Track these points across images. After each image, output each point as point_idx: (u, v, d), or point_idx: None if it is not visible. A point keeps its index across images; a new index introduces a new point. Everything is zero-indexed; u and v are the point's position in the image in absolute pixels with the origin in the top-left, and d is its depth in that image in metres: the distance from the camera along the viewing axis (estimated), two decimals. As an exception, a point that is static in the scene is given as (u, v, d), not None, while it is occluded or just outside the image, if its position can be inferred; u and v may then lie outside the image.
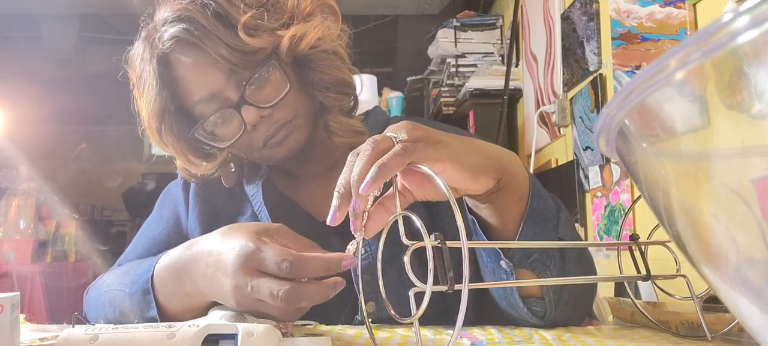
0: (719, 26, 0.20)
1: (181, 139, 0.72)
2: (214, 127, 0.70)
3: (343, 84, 0.73)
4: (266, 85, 0.68)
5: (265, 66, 0.67)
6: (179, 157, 0.73)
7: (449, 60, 2.51)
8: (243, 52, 0.65)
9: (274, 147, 0.70)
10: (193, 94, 0.68)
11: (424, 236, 0.38)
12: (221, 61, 0.65)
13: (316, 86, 0.71)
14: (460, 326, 0.36)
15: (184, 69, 0.68)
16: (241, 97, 0.67)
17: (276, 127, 0.69)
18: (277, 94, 0.68)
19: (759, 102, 0.20)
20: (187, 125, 0.72)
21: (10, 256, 2.57)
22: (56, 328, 0.61)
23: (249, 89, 0.67)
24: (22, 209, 2.65)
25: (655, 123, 0.26)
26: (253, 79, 0.67)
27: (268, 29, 0.67)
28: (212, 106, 0.68)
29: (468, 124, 2.36)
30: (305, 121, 0.72)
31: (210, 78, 0.67)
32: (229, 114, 0.68)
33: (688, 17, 1.20)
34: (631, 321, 0.64)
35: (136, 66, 0.71)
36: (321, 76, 0.71)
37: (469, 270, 0.36)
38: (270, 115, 0.68)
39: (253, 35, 0.65)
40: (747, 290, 0.24)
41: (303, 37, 0.68)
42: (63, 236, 2.91)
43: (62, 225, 2.91)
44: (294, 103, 0.70)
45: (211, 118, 0.68)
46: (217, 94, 0.67)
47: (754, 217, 0.22)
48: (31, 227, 2.66)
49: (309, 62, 0.71)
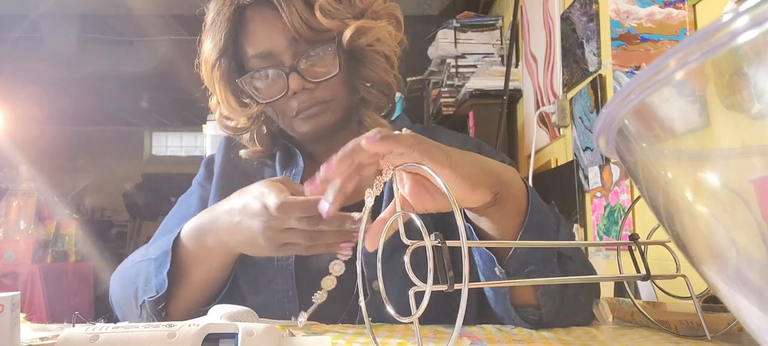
0: (719, 26, 0.20)
1: (228, 82, 0.77)
2: (260, 83, 0.75)
3: (386, 86, 0.79)
4: (319, 62, 0.73)
5: (324, 46, 0.73)
6: (220, 98, 0.78)
7: (449, 60, 2.51)
8: (311, 27, 0.71)
9: (304, 120, 0.75)
10: (254, 47, 0.74)
11: (424, 236, 0.38)
12: (290, 28, 0.71)
13: (363, 80, 0.77)
14: (460, 326, 0.36)
15: (254, 23, 0.74)
16: (294, 65, 0.72)
17: (312, 102, 0.74)
18: (325, 73, 0.73)
19: (759, 102, 0.20)
20: (237, 73, 0.77)
21: (11, 256, 2.57)
22: (56, 327, 0.61)
23: (303, 61, 0.73)
24: (22, 210, 2.65)
25: (655, 123, 0.26)
26: (309, 54, 0.73)
27: (340, 16, 0.73)
28: (266, 63, 0.74)
29: (468, 124, 2.35)
30: (340, 107, 0.76)
31: (274, 39, 0.73)
32: (277, 75, 0.74)
33: (687, 18, 1.20)
34: (631, 321, 0.64)
35: (214, 6, 0.77)
36: (369, 72, 0.77)
37: (468, 269, 0.36)
38: (312, 89, 0.73)
39: (326, 16, 0.71)
40: (747, 290, 0.24)
41: (366, 33, 0.74)
42: (63, 236, 2.91)
43: (62, 225, 2.91)
44: (336, 87, 0.75)
45: (261, 72, 0.74)
46: (274, 55, 0.73)
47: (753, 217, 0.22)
48: (31, 227, 2.66)
49: (363, 57, 0.76)
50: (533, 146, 1.95)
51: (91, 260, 3.14)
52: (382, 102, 0.80)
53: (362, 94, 0.78)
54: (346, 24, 0.73)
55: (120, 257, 0.85)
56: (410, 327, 0.60)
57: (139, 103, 5.47)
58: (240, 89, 0.78)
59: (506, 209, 0.55)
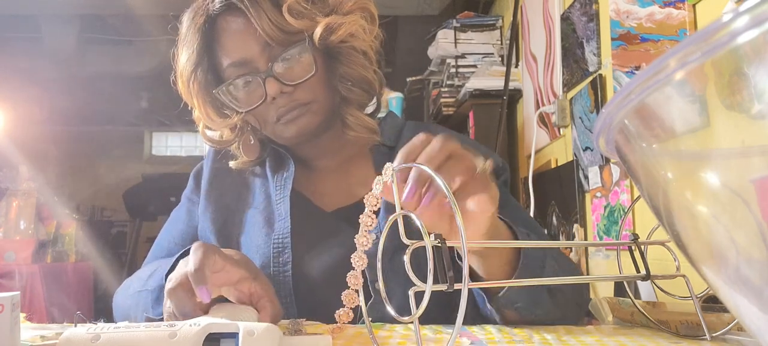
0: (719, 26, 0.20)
1: (206, 94, 0.77)
2: (238, 91, 0.75)
3: (365, 82, 0.77)
4: (295, 64, 0.73)
5: (297, 47, 0.72)
6: (200, 111, 0.78)
7: (449, 60, 2.51)
8: (282, 29, 0.70)
9: (285, 124, 0.74)
10: (228, 56, 0.74)
11: (424, 236, 0.38)
12: (261, 33, 0.70)
13: (341, 79, 0.76)
14: (460, 326, 0.36)
15: (226, 33, 0.74)
16: (269, 69, 0.72)
17: (292, 105, 0.73)
18: (302, 75, 0.73)
19: (759, 102, 0.20)
20: (214, 84, 0.77)
21: (11, 256, 2.57)
22: (56, 327, 0.61)
23: (277, 65, 0.72)
24: (22, 210, 2.65)
25: (655, 123, 0.26)
26: (283, 56, 0.72)
27: (309, 15, 0.72)
28: (241, 71, 0.74)
29: (468, 124, 2.35)
30: (321, 108, 0.75)
31: (247, 45, 0.72)
32: (254, 82, 0.73)
33: (687, 18, 1.20)
34: (631, 321, 0.64)
35: (186, 20, 0.78)
36: (347, 69, 0.76)
37: (468, 269, 0.36)
38: (291, 92, 0.73)
39: (294, 17, 0.71)
40: (747, 290, 0.24)
41: (336, 29, 0.73)
42: (63, 236, 2.91)
43: (62, 225, 2.91)
44: (315, 88, 0.74)
45: (237, 81, 0.74)
46: (249, 62, 0.73)
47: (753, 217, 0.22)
48: (31, 227, 2.66)
49: (338, 55, 0.76)
50: (533, 146, 1.95)
51: (91, 260, 3.13)
52: (364, 99, 0.79)
53: (343, 93, 0.77)
54: (316, 22, 0.72)
55: (120, 257, 0.85)
56: (410, 327, 0.60)
57: (139, 103, 5.47)
58: (219, 101, 0.77)
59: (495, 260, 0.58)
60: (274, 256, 0.74)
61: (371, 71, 0.78)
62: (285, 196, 0.79)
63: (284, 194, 0.79)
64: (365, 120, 0.78)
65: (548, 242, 0.57)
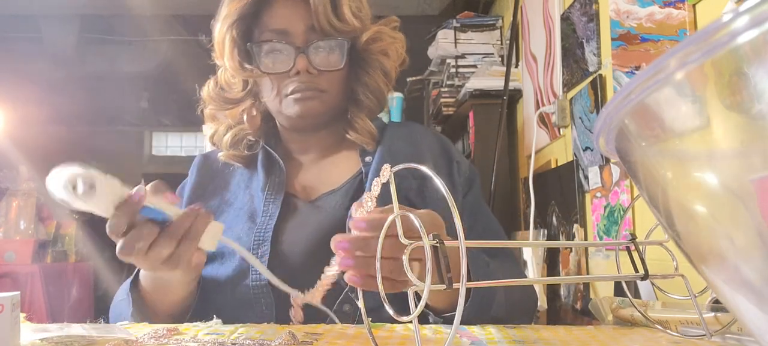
0: (719, 26, 0.20)
1: (238, 42, 0.80)
2: (268, 55, 0.79)
3: (381, 95, 0.85)
4: (328, 54, 0.78)
5: (336, 41, 0.78)
6: (227, 53, 0.80)
7: (449, 61, 2.51)
8: (331, 22, 0.76)
9: (296, 101, 0.78)
10: (273, 21, 0.78)
11: (422, 236, 0.38)
12: (313, 15, 0.76)
13: (361, 84, 0.83)
14: (458, 325, 0.36)
15: (281, 2, 0.79)
16: (305, 48, 0.77)
17: (309, 86, 0.78)
18: (330, 66, 0.78)
19: (759, 102, 0.20)
20: (248, 39, 0.81)
21: (11, 256, 2.57)
22: (56, 327, 0.61)
23: (313, 48, 0.77)
24: (22, 210, 2.64)
25: (655, 123, 0.26)
26: (321, 44, 0.77)
27: (361, 20, 0.79)
28: (279, 38, 0.78)
29: (468, 124, 2.35)
30: (331, 100, 0.80)
31: (294, 20, 0.77)
32: (287, 52, 0.78)
33: (687, 18, 1.20)
34: (630, 321, 0.64)
35: None
36: (369, 79, 0.83)
37: (466, 269, 0.36)
38: (314, 76, 0.78)
39: (348, 17, 0.77)
40: (746, 290, 0.24)
41: (380, 40, 0.81)
42: (63, 236, 2.91)
43: (62, 225, 2.91)
44: (334, 82, 0.80)
45: (271, 44, 0.78)
46: (289, 35, 0.78)
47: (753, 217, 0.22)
48: (31, 227, 2.66)
49: (366, 64, 0.83)
50: (533, 146, 1.95)
51: (91, 260, 3.13)
52: (374, 109, 0.85)
53: (359, 96, 0.83)
54: (365, 27, 0.80)
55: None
56: (410, 327, 0.60)
57: (139, 103, 5.47)
58: (247, 54, 0.81)
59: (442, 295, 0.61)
60: (254, 248, 0.75)
61: (388, 89, 0.85)
62: (278, 198, 0.80)
63: (277, 196, 0.80)
64: (370, 127, 0.83)
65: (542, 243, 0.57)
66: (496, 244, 0.81)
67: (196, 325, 0.62)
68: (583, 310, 1.63)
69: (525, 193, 2.05)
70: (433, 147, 0.86)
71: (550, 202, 1.89)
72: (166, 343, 0.52)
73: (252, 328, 0.61)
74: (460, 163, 0.86)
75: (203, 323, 0.63)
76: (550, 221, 1.89)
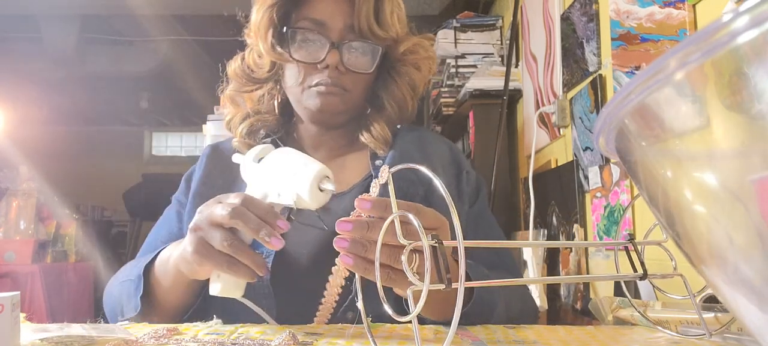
0: (719, 26, 0.20)
1: (276, 24, 0.80)
2: (302, 40, 0.78)
3: (405, 105, 0.85)
4: (360, 56, 0.79)
5: (370, 45, 0.78)
6: (261, 30, 0.80)
7: (449, 61, 2.51)
8: (370, 25, 0.76)
9: (318, 94, 0.78)
10: (313, 10, 0.78)
11: (421, 236, 0.38)
12: (356, 14, 0.76)
13: (387, 91, 0.83)
14: (456, 324, 0.36)
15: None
16: (339, 44, 0.77)
17: (334, 82, 0.77)
18: (360, 68, 0.78)
19: (759, 102, 0.20)
20: (286, 23, 0.80)
21: (11, 256, 2.57)
22: (56, 327, 0.61)
23: (347, 46, 0.77)
24: (22, 210, 2.64)
25: (655, 123, 0.26)
26: (356, 44, 0.78)
27: (401, 29, 0.80)
28: (315, 29, 0.78)
29: (468, 124, 2.35)
30: (352, 101, 0.80)
31: (335, 16, 0.77)
32: (321, 44, 0.77)
33: (687, 18, 1.20)
34: (630, 321, 0.64)
35: None
36: (396, 88, 0.83)
37: (465, 269, 0.36)
38: (342, 73, 0.77)
39: (390, 24, 0.78)
40: (746, 290, 0.24)
41: (413, 53, 0.82)
42: (63, 236, 2.91)
43: (62, 225, 2.91)
44: (360, 84, 0.80)
45: (307, 33, 0.78)
46: (327, 29, 0.77)
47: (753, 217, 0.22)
48: (31, 227, 2.66)
49: (397, 73, 0.83)
50: (533, 146, 1.95)
51: (91, 260, 3.13)
52: (395, 117, 0.84)
53: (383, 102, 0.83)
54: (401, 37, 0.80)
55: (120, 257, 0.86)
56: (409, 327, 0.60)
57: (139, 103, 5.47)
58: (280, 36, 0.80)
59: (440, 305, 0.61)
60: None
61: (412, 102, 0.85)
62: None
63: None
64: (387, 134, 0.82)
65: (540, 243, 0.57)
66: (496, 244, 0.81)
67: (196, 325, 0.62)
68: (583, 310, 1.63)
69: (525, 193, 2.05)
70: (443, 155, 0.86)
71: (550, 202, 1.89)
72: (166, 343, 0.52)
73: (252, 328, 0.61)
74: (469, 173, 0.86)
75: (203, 323, 0.63)
76: (550, 221, 1.89)
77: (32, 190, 2.69)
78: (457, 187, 0.83)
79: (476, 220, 0.83)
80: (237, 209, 0.57)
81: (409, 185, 0.75)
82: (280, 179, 0.61)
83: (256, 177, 0.65)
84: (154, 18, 3.71)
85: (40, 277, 2.53)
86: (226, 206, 0.58)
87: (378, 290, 0.44)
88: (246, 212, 0.57)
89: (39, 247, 2.67)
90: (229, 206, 0.58)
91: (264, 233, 0.57)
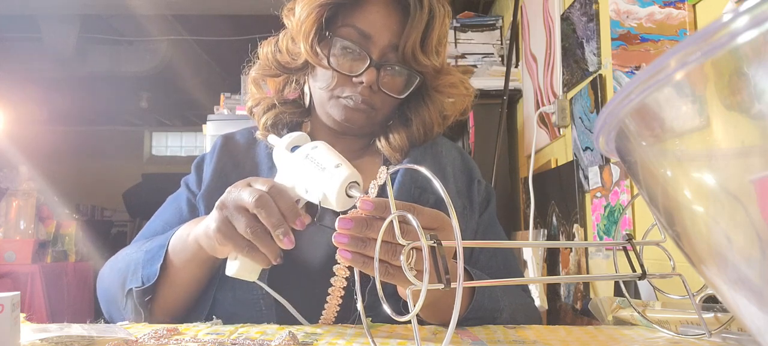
0: (719, 26, 0.20)
1: (320, 24, 0.77)
2: (342, 50, 0.76)
3: (430, 133, 0.84)
4: (396, 78, 0.77)
5: (410, 71, 0.77)
6: (305, 33, 0.78)
7: (449, 60, 2.51)
8: (414, 51, 0.75)
9: (345, 107, 0.77)
10: (361, 21, 0.76)
11: (420, 236, 0.38)
12: (403, 36, 0.74)
13: (418, 116, 0.82)
14: (455, 324, 0.36)
15: (377, 7, 0.76)
16: (379, 61, 0.75)
17: (364, 99, 0.76)
18: (393, 90, 0.77)
19: (759, 102, 0.20)
20: (330, 25, 0.78)
21: (11, 256, 2.57)
22: (56, 327, 0.61)
23: (386, 68, 0.76)
24: (22, 210, 2.64)
25: (655, 123, 0.26)
26: (395, 67, 0.76)
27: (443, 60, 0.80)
28: (359, 40, 0.76)
29: (468, 124, 2.35)
30: (376, 117, 0.79)
31: (383, 31, 0.75)
32: (362, 57, 0.75)
33: (687, 18, 1.20)
34: (630, 321, 0.64)
35: None
36: (427, 114, 0.82)
37: (463, 269, 0.36)
38: (374, 92, 0.76)
39: (436, 53, 0.77)
40: (746, 290, 0.24)
41: (452, 87, 0.82)
42: (63, 236, 2.91)
43: (62, 225, 2.91)
44: (387, 105, 0.79)
45: (350, 43, 0.76)
46: (370, 43, 0.75)
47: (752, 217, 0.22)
48: (31, 227, 2.66)
49: (431, 101, 0.82)
50: (533, 146, 1.95)
51: (91, 260, 3.13)
52: (418, 139, 0.83)
53: (411, 123, 0.82)
54: (446, 70, 0.80)
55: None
56: (410, 327, 0.60)
57: (139, 103, 5.47)
58: (320, 39, 0.78)
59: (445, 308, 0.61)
60: None
61: (440, 130, 0.84)
62: None
63: None
64: (405, 145, 0.81)
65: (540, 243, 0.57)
66: (496, 244, 0.81)
67: (196, 325, 0.62)
68: (583, 310, 1.63)
69: (525, 193, 2.05)
70: (455, 163, 0.85)
71: (550, 202, 1.89)
72: (166, 343, 0.52)
73: (252, 328, 0.61)
74: (480, 183, 0.85)
75: (203, 323, 0.63)
76: (550, 221, 1.89)
77: (32, 190, 2.69)
78: (468, 196, 0.82)
79: (485, 229, 0.83)
80: (263, 198, 0.57)
81: (421, 193, 0.75)
82: (310, 175, 0.61)
83: (287, 166, 0.65)
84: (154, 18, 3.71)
85: (40, 277, 2.53)
86: (253, 192, 0.58)
87: (377, 286, 0.43)
88: (271, 203, 0.57)
89: (39, 247, 2.67)
90: (257, 193, 0.58)
91: (280, 231, 0.57)
